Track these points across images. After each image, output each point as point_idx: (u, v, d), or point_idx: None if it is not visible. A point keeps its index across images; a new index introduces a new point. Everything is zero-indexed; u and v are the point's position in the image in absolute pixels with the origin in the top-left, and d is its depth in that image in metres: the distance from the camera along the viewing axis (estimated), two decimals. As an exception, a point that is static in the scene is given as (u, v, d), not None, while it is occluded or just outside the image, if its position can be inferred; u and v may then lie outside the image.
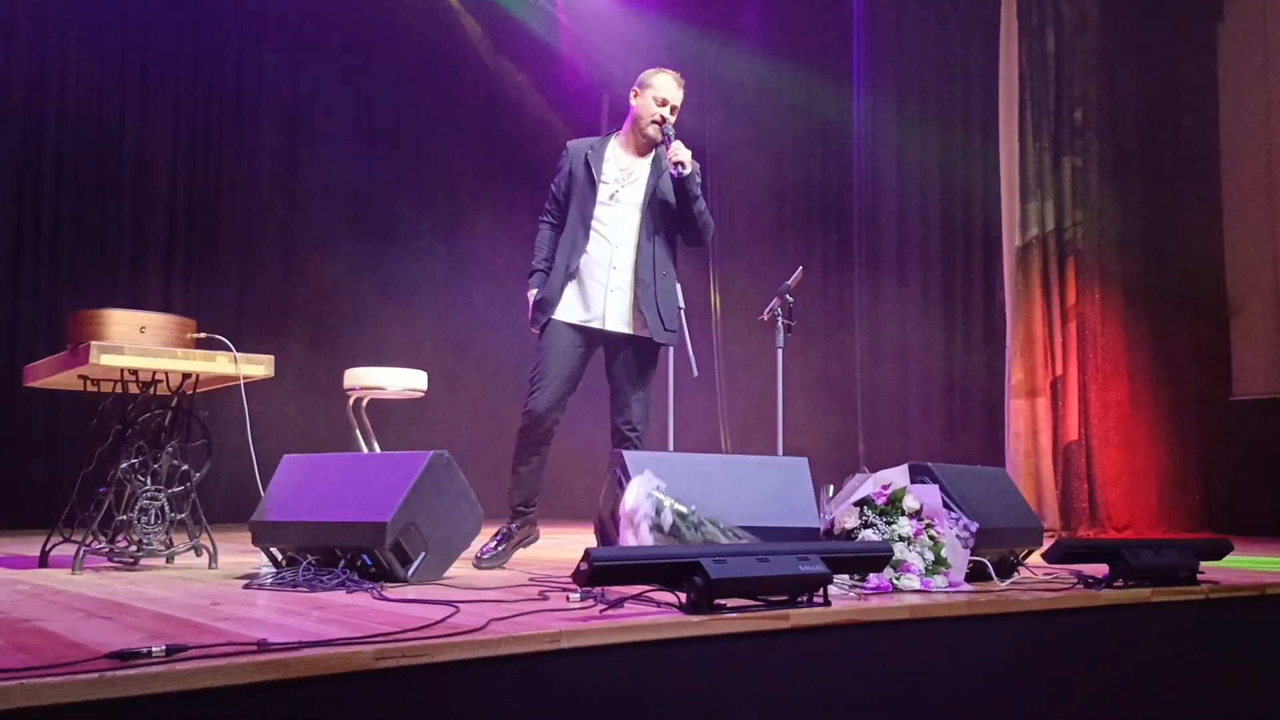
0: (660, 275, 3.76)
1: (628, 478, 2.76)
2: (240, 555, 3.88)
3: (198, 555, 3.49)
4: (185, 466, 3.52)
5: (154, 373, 3.42)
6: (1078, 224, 7.29)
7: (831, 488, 3.24)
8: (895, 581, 2.77)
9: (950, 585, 2.83)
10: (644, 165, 3.82)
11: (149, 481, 3.41)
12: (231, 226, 7.83)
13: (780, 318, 4.56)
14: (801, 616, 2.19)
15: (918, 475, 3.27)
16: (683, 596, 2.21)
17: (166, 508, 3.41)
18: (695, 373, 3.89)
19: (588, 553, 2.07)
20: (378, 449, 5.27)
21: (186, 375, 3.48)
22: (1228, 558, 3.43)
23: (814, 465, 3.33)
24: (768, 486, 3.11)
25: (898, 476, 3.10)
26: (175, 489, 3.47)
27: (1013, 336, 7.20)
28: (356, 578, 2.72)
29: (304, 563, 2.85)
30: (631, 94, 3.83)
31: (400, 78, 8.43)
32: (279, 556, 3.06)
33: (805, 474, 3.22)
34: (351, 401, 5.35)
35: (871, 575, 2.74)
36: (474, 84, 8.65)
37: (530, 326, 3.79)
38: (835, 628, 2.25)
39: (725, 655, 2.08)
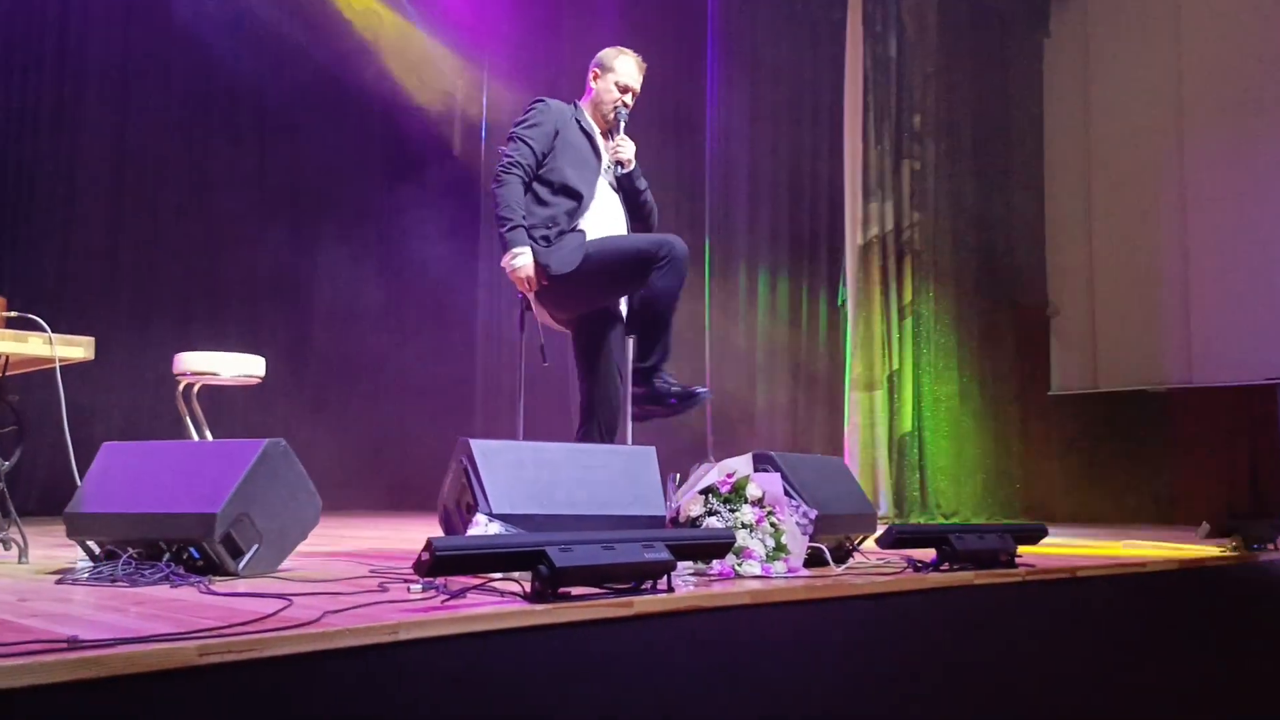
0: None
1: (473, 466, 2.72)
2: (54, 549, 3.62)
3: (6, 549, 3.24)
4: (-8, 455, 3.26)
5: (-44, 353, 3.15)
6: (915, 225, 7.63)
7: (678, 476, 3.28)
8: (737, 568, 2.83)
9: (790, 571, 2.91)
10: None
11: (-51, 471, 3.14)
12: (51, 198, 7.29)
13: (632, 308, 4.59)
14: (645, 603, 2.20)
15: (761, 464, 3.35)
16: (527, 585, 2.19)
17: (-31, 499, 3.15)
18: (545, 362, 3.87)
19: (430, 542, 2.02)
20: (210, 438, 5.02)
21: (-6, 356, 3.21)
22: (1043, 542, 3.66)
23: (662, 455, 3.36)
24: (615, 475, 3.12)
25: (742, 465, 3.16)
26: (-20, 479, 3.21)
27: (853, 332, 7.48)
28: (182, 571, 2.58)
29: (123, 556, 2.68)
30: (591, 73, 3.66)
31: (244, 51, 8.03)
32: (96, 550, 2.87)
33: (653, 463, 3.25)
34: (181, 388, 5.08)
35: (715, 561, 2.79)
36: (324, 64, 8.33)
37: (562, 270, 3.45)
38: (678, 614, 2.27)
39: (569, 644, 2.08)
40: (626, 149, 3.55)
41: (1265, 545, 4.47)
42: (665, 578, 2.36)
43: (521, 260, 3.37)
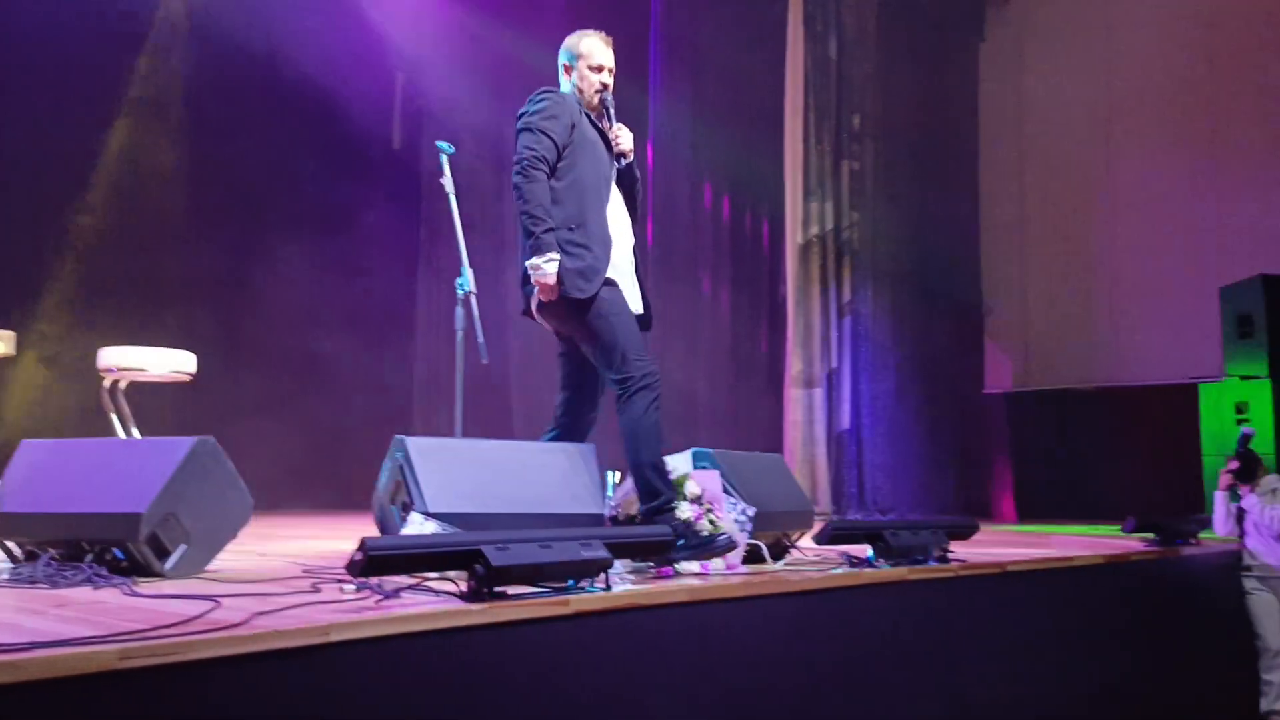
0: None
1: (409, 464, 2.69)
2: (-29, 552, 3.50)
3: (-82, 552, 3.12)
4: (-96, 453, 3.13)
5: None
6: (854, 224, 7.71)
7: (618, 474, 3.28)
8: (675, 565, 2.84)
9: (728, 568, 2.93)
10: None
11: None
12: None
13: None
14: (582, 601, 2.20)
15: (700, 461, 3.37)
16: (463, 585, 2.17)
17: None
18: (484, 359, 3.84)
19: (363, 542, 1.99)
20: (137, 436, 4.89)
21: (-94, 351, 3.09)
22: (975, 538, 3.73)
23: (603, 452, 3.36)
24: (555, 473, 3.11)
25: (681, 463, 3.18)
26: (-109, 479, 3.08)
27: (793, 330, 7.54)
28: (106, 573, 2.51)
29: (44, 557, 2.59)
30: (561, 70, 3.49)
31: (179, 45, 7.82)
32: (16, 552, 2.77)
33: (593, 461, 3.24)
34: (108, 384, 4.94)
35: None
36: (261, 57, 8.14)
37: (574, 294, 3.14)
38: (615, 611, 2.27)
39: (506, 642, 2.06)
40: (626, 138, 3.39)
41: (1187, 540, 4.61)
42: (603, 576, 2.35)
43: (554, 267, 3.12)
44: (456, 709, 1.96)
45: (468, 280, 4.12)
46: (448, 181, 4.27)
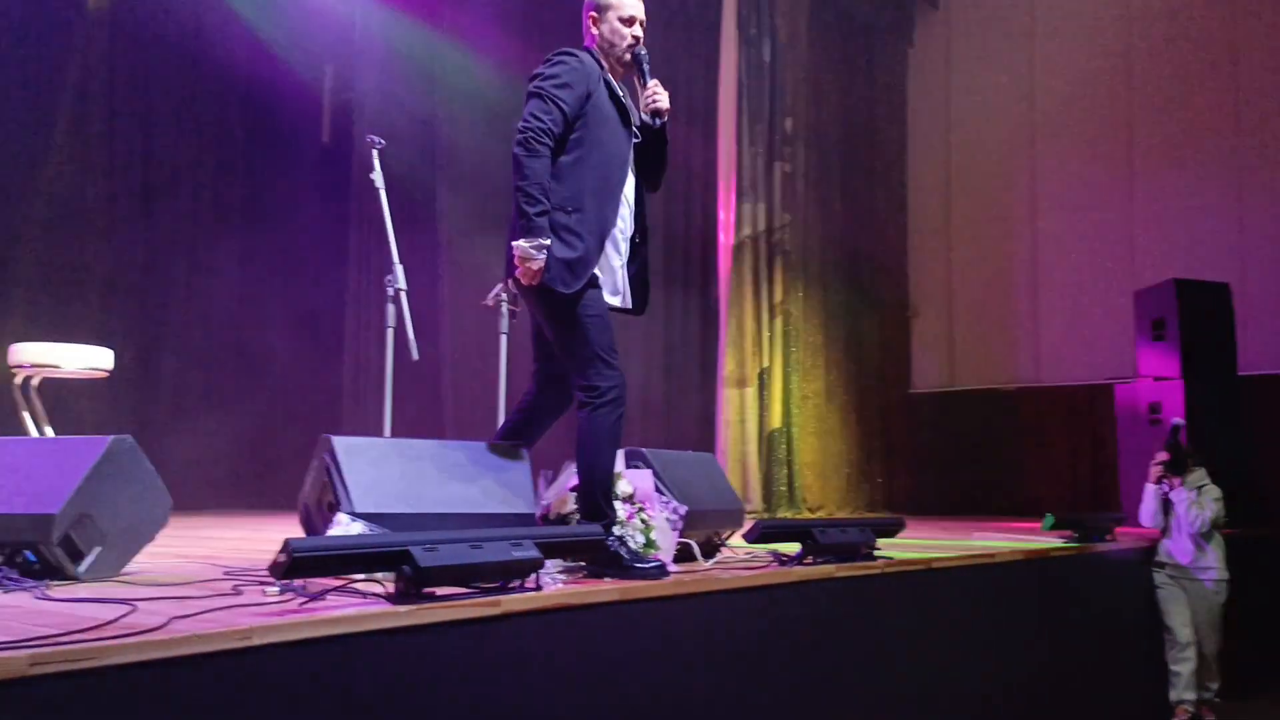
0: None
1: (336, 463, 2.64)
2: None
3: None
4: None
5: None
6: (786, 226, 7.79)
7: (550, 474, 3.26)
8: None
9: (659, 566, 2.93)
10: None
11: None
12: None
13: (506, 303, 4.55)
14: (512, 602, 2.18)
15: (632, 460, 3.37)
16: (391, 586, 2.14)
17: None
18: (415, 356, 3.80)
19: (287, 543, 1.95)
20: (51, 434, 4.73)
21: None
22: (901, 535, 3.80)
23: (536, 452, 3.34)
24: (486, 473, 3.08)
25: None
26: None
27: (725, 330, 7.59)
28: (17, 576, 2.42)
29: (-50, 562, 2.49)
30: (589, 20, 3.16)
31: (96, 33, 7.56)
32: (-81, 556, 2.66)
33: (524, 460, 3.22)
34: (20, 381, 4.76)
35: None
36: (180, 45, 7.91)
37: (557, 287, 2.88)
38: (546, 612, 2.26)
39: (434, 645, 2.04)
40: (663, 98, 3.07)
41: (1103, 537, 4.75)
42: (534, 576, 2.34)
43: (543, 255, 2.85)
44: (383, 713, 1.94)
45: (398, 277, 4.08)
46: (378, 176, 4.21)
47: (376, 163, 4.20)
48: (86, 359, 4.78)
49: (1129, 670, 4.69)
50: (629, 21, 3.12)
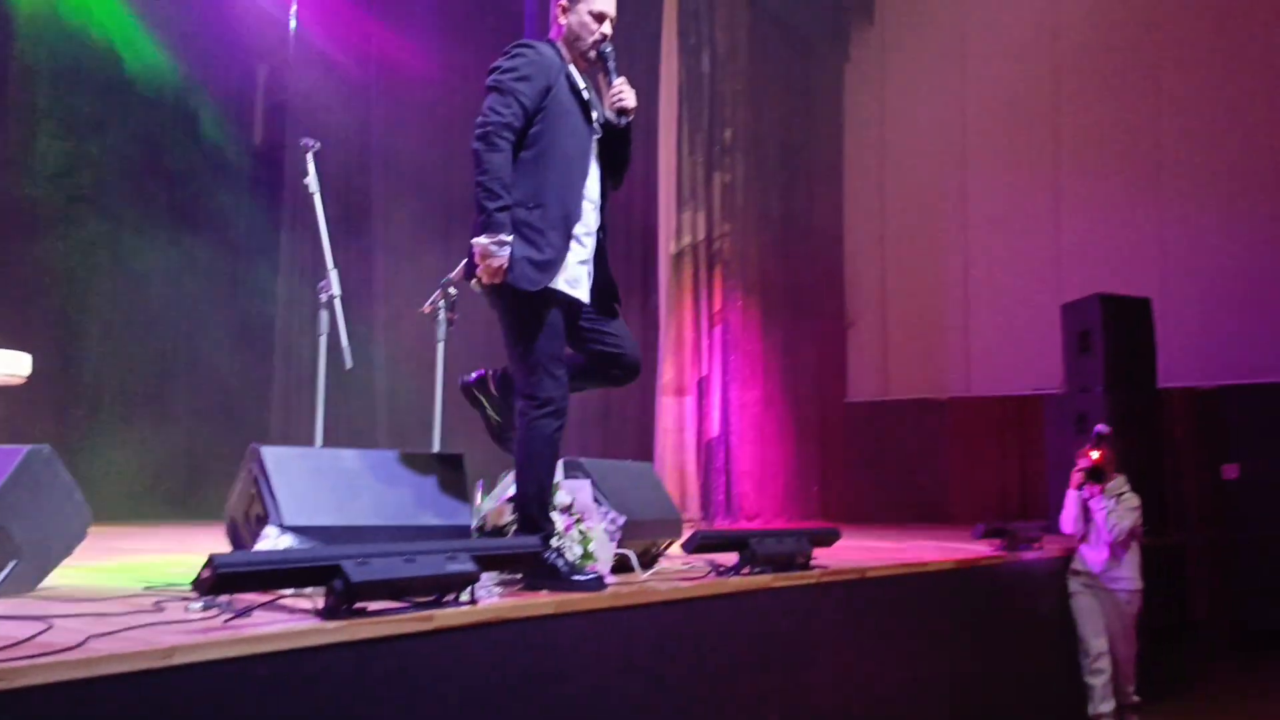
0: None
1: (264, 474, 2.58)
2: None
3: None
4: None
5: None
6: (725, 235, 7.84)
7: (486, 483, 3.23)
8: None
9: (596, 578, 2.91)
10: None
11: None
12: None
13: (442, 310, 4.48)
14: (446, 616, 2.15)
15: (571, 470, 3.35)
16: (322, 602, 2.09)
17: None
18: (349, 364, 3.73)
19: (212, 559, 1.89)
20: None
21: None
22: (837, 544, 3.83)
23: (474, 462, 3.29)
24: (421, 484, 3.04)
25: (551, 472, 3.13)
26: None
27: (665, 338, 7.60)
28: (-77, 594, 2.31)
29: None
30: (558, 8, 3.07)
31: (11, 29, 7.31)
32: None
33: (461, 471, 3.18)
34: (-68, 386, 4.57)
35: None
36: (102, 47, 7.68)
37: (521, 285, 2.80)
38: (481, 626, 2.23)
39: (365, 661, 1.99)
40: (630, 96, 3.06)
41: (1030, 546, 4.84)
42: (469, 589, 2.31)
43: (505, 251, 2.79)
44: (313, 731, 1.89)
45: (332, 283, 4.01)
46: (312, 181, 4.14)
47: (310, 166, 4.12)
48: (1, 364, 4.60)
49: (1052, 679, 4.78)
50: (599, 17, 3.04)
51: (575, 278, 2.97)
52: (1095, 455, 4.81)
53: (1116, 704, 4.76)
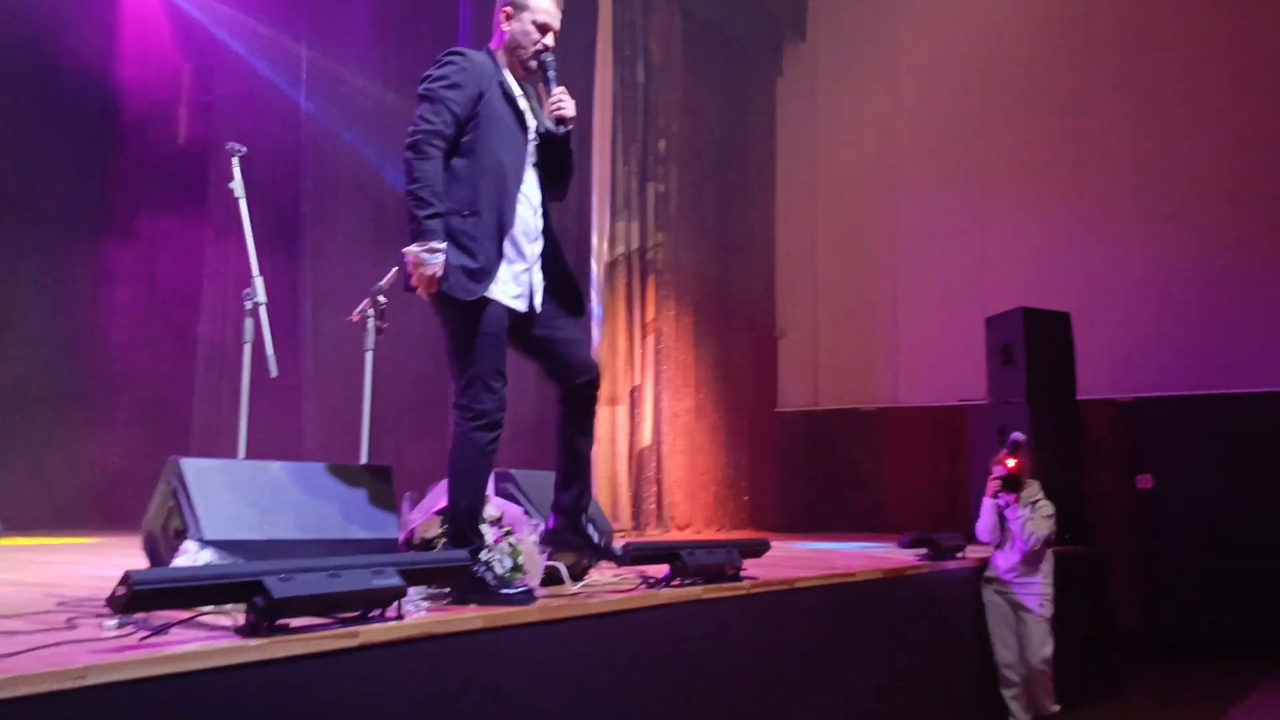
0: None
1: (184, 487, 2.51)
2: None
3: None
4: None
5: None
6: (659, 245, 7.87)
7: (414, 495, 3.18)
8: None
9: (526, 591, 2.88)
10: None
11: None
12: None
13: (372, 319, 4.42)
14: (372, 633, 2.11)
15: (502, 482, 3.32)
16: (243, 618, 2.04)
17: None
18: (274, 372, 3.66)
19: (127, 575, 1.83)
20: None
21: None
22: (766, 555, 3.86)
23: (403, 474, 3.25)
24: (347, 496, 2.99)
25: (481, 484, 3.10)
26: None
27: (598, 347, 7.60)
28: None
29: None
30: (502, 14, 3.04)
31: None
32: None
33: (388, 483, 3.13)
34: None
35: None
36: (18, 40, 7.43)
37: (456, 294, 2.79)
38: (407, 642, 2.20)
39: (286, 680, 1.95)
40: (569, 105, 3.03)
41: (954, 555, 4.92)
42: (396, 605, 2.27)
43: (438, 260, 2.76)
44: (231, 752, 1.84)
45: (258, 290, 3.93)
46: (238, 185, 4.06)
47: (236, 170, 4.04)
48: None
49: (974, 689, 4.85)
50: (543, 28, 3.03)
51: (518, 291, 2.95)
52: (1011, 463, 4.85)
53: (1034, 716, 4.82)
